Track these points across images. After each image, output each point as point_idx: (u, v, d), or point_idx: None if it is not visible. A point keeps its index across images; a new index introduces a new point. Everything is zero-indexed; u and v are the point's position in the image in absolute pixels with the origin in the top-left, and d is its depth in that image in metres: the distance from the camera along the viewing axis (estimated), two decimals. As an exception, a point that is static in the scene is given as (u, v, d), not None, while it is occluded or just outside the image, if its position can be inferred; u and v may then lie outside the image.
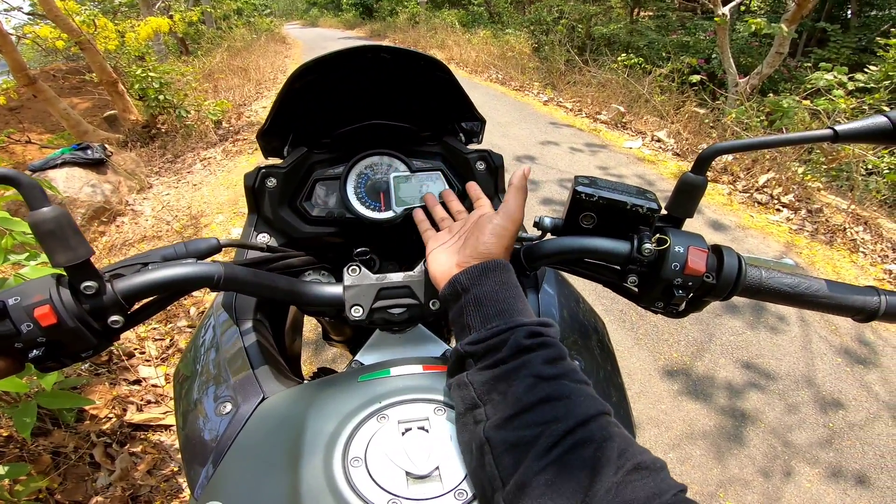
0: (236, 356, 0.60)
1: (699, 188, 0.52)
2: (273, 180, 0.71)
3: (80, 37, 4.64)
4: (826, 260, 2.95)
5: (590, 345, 0.67)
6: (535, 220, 0.58)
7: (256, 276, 0.54)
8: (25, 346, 0.41)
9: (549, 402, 0.38)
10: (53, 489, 1.54)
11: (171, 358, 2.15)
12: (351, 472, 0.40)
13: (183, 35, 9.93)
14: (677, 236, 0.51)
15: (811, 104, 3.89)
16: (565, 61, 7.41)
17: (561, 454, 0.35)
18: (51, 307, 0.41)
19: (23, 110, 6.87)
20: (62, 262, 0.41)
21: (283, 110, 0.68)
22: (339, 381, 0.51)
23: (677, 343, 2.30)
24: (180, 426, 0.58)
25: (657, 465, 0.35)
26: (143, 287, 0.46)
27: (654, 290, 0.53)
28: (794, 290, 0.51)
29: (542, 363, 0.41)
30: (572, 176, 3.16)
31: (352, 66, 0.66)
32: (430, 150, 0.77)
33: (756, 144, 0.51)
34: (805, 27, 8.39)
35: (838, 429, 1.91)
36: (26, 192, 0.40)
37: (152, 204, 3.80)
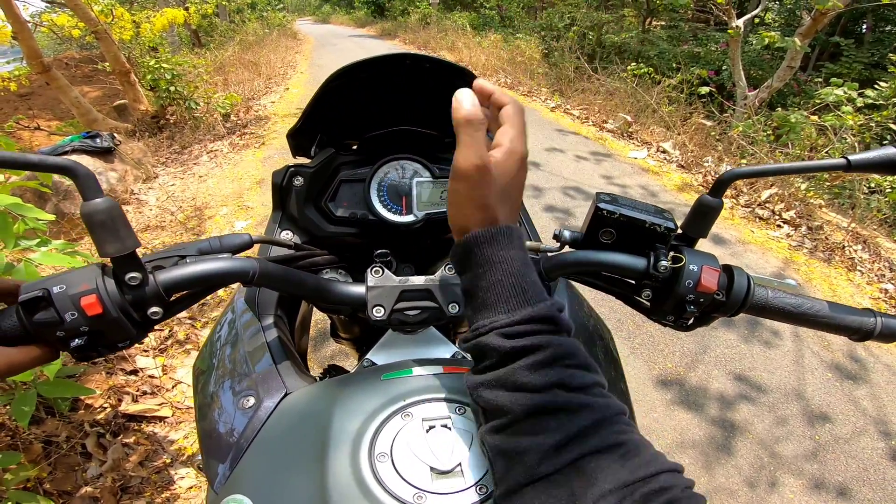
0: (258, 351, 0.60)
1: (715, 210, 0.56)
2: (300, 179, 0.72)
3: (97, 26, 4.68)
4: (823, 277, 2.96)
5: (596, 352, 0.69)
6: (554, 233, 0.61)
7: (287, 274, 0.55)
8: (67, 334, 0.41)
9: (540, 415, 0.36)
10: (43, 478, 1.53)
11: (170, 349, 2.17)
12: (378, 467, 0.41)
13: (197, 27, 10.00)
14: (692, 255, 0.54)
15: (819, 120, 3.89)
16: (575, 68, 7.42)
17: (554, 468, 0.34)
18: (97, 297, 0.41)
19: (33, 97, 6.94)
20: (111, 253, 0.42)
21: (316, 111, 0.69)
22: (361, 379, 0.52)
23: (672, 354, 2.32)
24: (199, 419, 0.58)
25: (669, 468, 0.34)
26: (183, 280, 0.47)
27: (666, 305, 0.56)
28: (797, 309, 0.54)
29: (528, 371, 0.36)
30: (576, 184, 3.18)
31: (385, 71, 0.67)
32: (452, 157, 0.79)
33: (772, 171, 0.54)
34: (818, 41, 8.37)
35: (824, 442, 1.94)
36: (82, 182, 0.40)
37: (157, 194, 3.84)
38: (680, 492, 0.33)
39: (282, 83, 7.99)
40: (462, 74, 0.67)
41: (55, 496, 1.51)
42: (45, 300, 0.40)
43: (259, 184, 3.89)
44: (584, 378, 0.38)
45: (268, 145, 4.89)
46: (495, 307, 0.39)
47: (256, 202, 3.58)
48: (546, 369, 0.37)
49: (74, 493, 1.55)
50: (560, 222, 3.41)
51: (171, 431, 1.81)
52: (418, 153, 0.77)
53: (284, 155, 4.57)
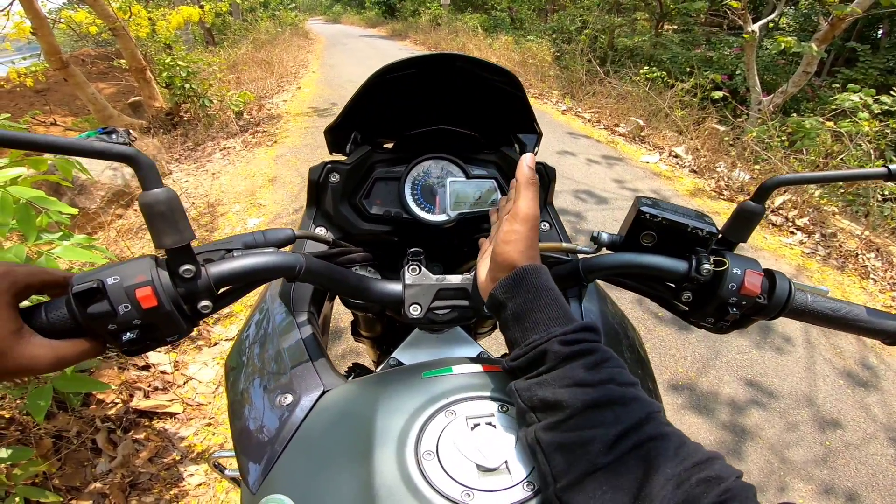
0: (295, 348, 0.60)
1: (757, 216, 0.56)
2: (336, 176, 0.73)
3: (114, 23, 4.74)
4: (836, 285, 2.94)
5: (629, 358, 0.69)
6: (592, 235, 0.61)
7: (330, 270, 0.56)
8: (119, 327, 0.41)
9: (597, 408, 0.39)
10: (52, 474, 1.52)
11: (182, 345, 2.19)
12: (424, 464, 0.41)
13: (211, 25, 10.08)
14: (735, 259, 0.55)
15: (835, 126, 3.85)
16: (586, 71, 7.40)
17: (616, 457, 0.36)
18: (152, 289, 0.41)
19: (49, 93, 7.04)
20: (168, 244, 0.41)
21: (355, 109, 0.69)
22: (401, 377, 0.52)
23: (684, 358, 2.31)
24: (232, 417, 0.58)
25: (714, 456, 0.37)
26: (233, 273, 0.47)
27: (706, 308, 0.56)
28: (835, 313, 0.55)
29: (584, 370, 0.41)
30: (587, 188, 3.18)
31: (430, 70, 0.67)
32: (486, 159, 0.78)
33: (815, 179, 0.55)
34: (834, 46, 8.28)
35: (834, 447, 1.93)
36: (143, 172, 0.40)
37: (172, 190, 3.87)
38: (733, 481, 0.34)
39: (294, 82, 8.04)
40: (506, 77, 0.67)
41: (63, 492, 1.51)
42: (99, 291, 0.39)
43: (271, 182, 3.92)
44: (629, 377, 0.42)
45: (280, 144, 4.92)
46: (548, 323, 0.45)
47: (269, 200, 3.60)
48: (599, 368, 0.41)
49: (83, 488, 1.54)
50: (572, 226, 3.40)
51: (182, 428, 1.82)
52: (453, 153, 0.77)
53: (296, 154, 4.60)
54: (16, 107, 6.50)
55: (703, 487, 0.33)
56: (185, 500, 1.58)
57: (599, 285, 0.79)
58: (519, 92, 0.69)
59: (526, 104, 0.71)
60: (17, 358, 0.37)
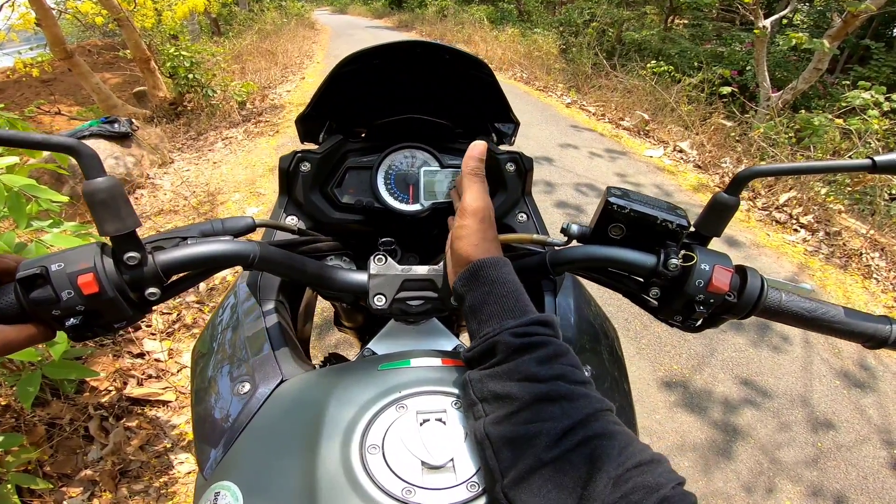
0: (257, 336, 0.60)
1: (731, 209, 0.54)
2: (307, 165, 0.72)
3: (119, 13, 4.75)
4: (838, 284, 2.89)
5: (600, 350, 0.68)
6: (562, 227, 0.60)
7: (288, 258, 0.55)
8: (63, 313, 0.41)
9: (545, 401, 0.39)
10: (43, 461, 1.53)
11: (177, 333, 2.21)
12: (368, 458, 0.40)
13: (216, 15, 10.08)
14: (704, 254, 0.53)
15: (843, 123, 3.79)
16: (592, 65, 7.32)
17: (561, 452, 0.36)
18: (94, 275, 0.41)
19: (55, 83, 7.08)
20: (111, 231, 0.42)
21: (325, 97, 0.69)
22: (358, 369, 0.51)
23: (679, 356, 2.29)
24: (194, 403, 0.58)
25: (657, 459, 0.36)
26: (182, 261, 0.46)
27: (674, 304, 0.54)
28: (811, 314, 0.52)
29: (535, 364, 0.41)
30: (589, 180, 3.13)
31: (396, 59, 0.66)
32: (461, 148, 0.76)
33: (793, 170, 0.52)
34: (848, 44, 8.13)
35: (826, 449, 1.91)
36: (84, 161, 0.40)
37: (172, 179, 3.90)
38: (671, 489, 0.34)
39: (298, 72, 8.03)
40: (475, 65, 0.65)
41: (55, 479, 1.52)
42: (42, 278, 0.40)
43: (272, 171, 3.92)
44: (580, 375, 0.42)
45: (282, 133, 4.92)
46: (502, 315, 0.45)
47: (269, 189, 3.61)
48: (550, 363, 0.41)
49: (74, 475, 1.56)
50: (571, 218, 3.37)
51: (174, 416, 1.83)
52: (427, 142, 0.76)
53: (298, 143, 4.58)
54: (22, 96, 6.55)
55: (642, 494, 0.33)
56: (175, 487, 1.59)
57: (580, 282, 0.78)
58: (490, 78, 0.67)
59: (499, 92, 0.70)
60: None
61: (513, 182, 0.76)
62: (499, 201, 0.76)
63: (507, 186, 0.76)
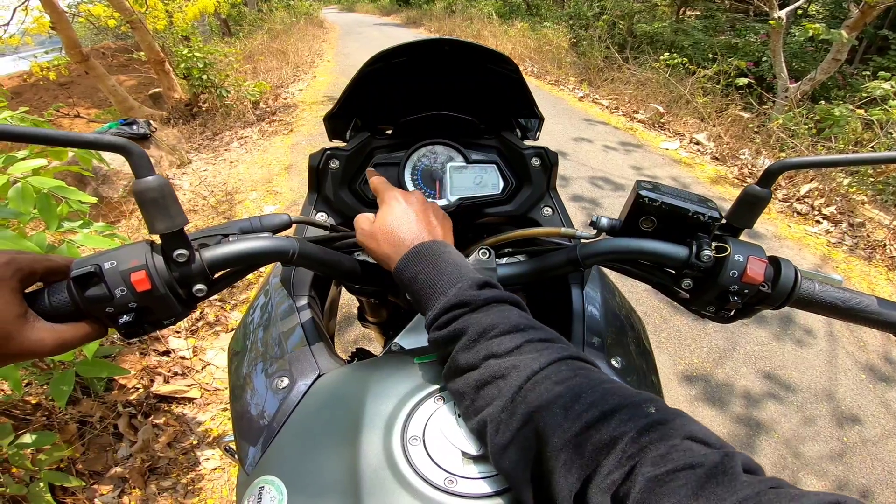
0: (293, 332, 0.61)
1: (763, 201, 0.54)
2: (336, 162, 0.73)
3: (131, 16, 4.80)
4: (862, 276, 2.84)
5: (630, 344, 0.68)
6: (591, 220, 0.60)
7: (325, 254, 0.56)
8: (116, 310, 0.42)
9: (481, 389, 0.40)
10: (75, 458, 1.56)
11: (200, 330, 2.24)
12: (410, 450, 0.41)
13: (226, 16, 10.15)
14: (737, 245, 0.53)
15: (865, 114, 3.71)
16: (604, 58, 7.25)
17: (509, 437, 0.36)
18: (146, 272, 0.42)
19: (72, 86, 7.18)
20: (161, 229, 0.42)
21: (353, 95, 0.69)
22: (394, 362, 0.52)
23: (699, 349, 2.27)
24: (232, 400, 0.59)
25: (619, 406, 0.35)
26: (227, 257, 0.47)
27: (707, 296, 0.54)
28: (845, 304, 0.52)
29: (463, 353, 0.42)
30: (604, 174, 3.11)
31: (422, 56, 0.67)
32: (487, 143, 0.78)
33: (827, 162, 0.51)
34: (866, 34, 7.94)
35: (851, 443, 1.88)
36: (135, 160, 0.41)
37: (191, 179, 3.94)
38: (628, 441, 0.32)
39: (309, 71, 8.05)
40: (501, 60, 0.66)
41: (86, 476, 1.55)
42: (96, 275, 0.41)
43: (287, 169, 3.95)
44: (513, 341, 0.41)
45: (296, 132, 4.95)
46: (425, 310, 0.46)
47: (285, 188, 3.63)
48: (475, 347, 0.41)
49: (104, 473, 1.58)
50: (587, 212, 3.36)
51: (199, 413, 1.86)
52: (452, 138, 0.76)
53: (312, 142, 4.62)
54: (40, 100, 6.66)
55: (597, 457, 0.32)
56: (202, 483, 1.61)
57: (606, 274, 0.78)
58: (515, 75, 0.67)
59: (524, 87, 0.70)
60: (22, 341, 0.38)
61: (538, 177, 0.76)
62: (524, 196, 0.76)
63: (533, 181, 0.76)
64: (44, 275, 0.41)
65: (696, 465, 0.29)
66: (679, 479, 0.28)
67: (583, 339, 0.63)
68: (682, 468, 0.29)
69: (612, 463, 0.31)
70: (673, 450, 0.30)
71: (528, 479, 0.35)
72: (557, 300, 0.72)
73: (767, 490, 0.27)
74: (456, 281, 0.45)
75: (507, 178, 0.77)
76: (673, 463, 0.29)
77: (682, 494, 0.28)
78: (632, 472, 0.30)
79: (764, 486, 0.27)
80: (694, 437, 0.32)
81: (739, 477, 0.28)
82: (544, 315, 0.78)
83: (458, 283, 0.45)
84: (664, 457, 0.30)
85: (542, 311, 0.79)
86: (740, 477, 0.28)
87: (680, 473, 0.29)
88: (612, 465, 0.31)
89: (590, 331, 0.64)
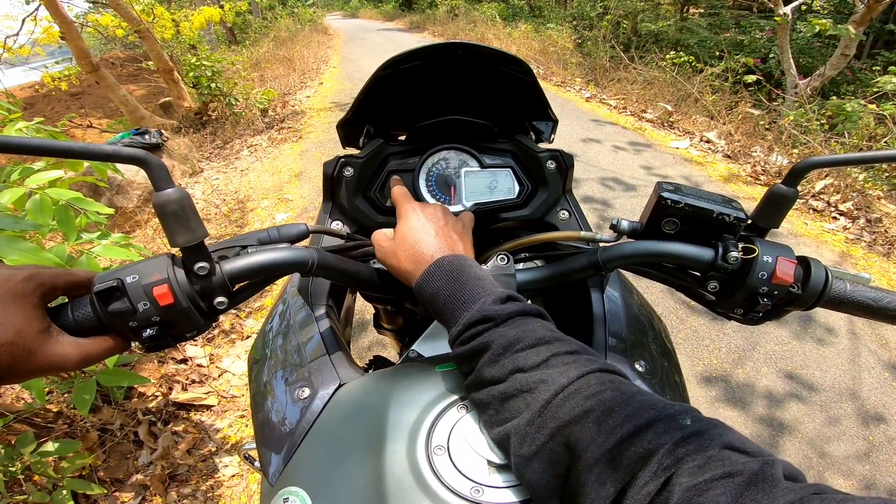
0: (312, 341, 0.61)
1: (789, 200, 0.53)
2: (350, 169, 0.72)
3: (139, 25, 4.85)
4: (882, 272, 2.80)
5: (653, 347, 0.67)
6: (611, 223, 0.59)
7: (343, 263, 0.55)
8: (139, 324, 0.42)
9: (506, 401, 0.40)
10: (97, 466, 1.57)
11: (216, 338, 2.24)
12: (434, 459, 0.40)
13: (232, 25, 10.25)
14: (765, 246, 0.52)
15: (877, 108, 3.67)
16: (610, 58, 7.23)
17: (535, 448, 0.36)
18: (168, 286, 0.42)
19: (83, 96, 7.27)
20: (181, 243, 0.42)
21: (366, 102, 0.69)
22: (415, 371, 0.51)
23: (718, 350, 2.24)
24: (254, 410, 0.59)
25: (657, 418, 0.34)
26: (247, 269, 0.47)
27: (735, 298, 0.53)
28: (877, 303, 0.51)
29: (488, 367, 0.41)
30: (614, 175, 3.09)
31: (434, 61, 0.66)
32: (501, 147, 0.77)
33: (853, 160, 0.50)
34: (873, 29, 7.88)
35: (878, 442, 1.85)
36: (154, 173, 0.41)
37: (203, 188, 3.97)
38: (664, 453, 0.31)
39: (315, 78, 8.10)
40: (514, 63, 0.65)
41: (108, 484, 1.55)
42: (119, 290, 0.41)
43: (297, 177, 3.96)
44: (539, 355, 0.40)
45: (305, 139, 4.97)
46: (449, 325, 0.46)
47: (296, 195, 3.65)
48: (501, 361, 0.41)
49: (126, 480, 1.59)
50: (598, 214, 3.33)
51: (217, 420, 1.86)
52: (466, 143, 0.76)
53: (321, 148, 4.64)
54: (52, 110, 6.74)
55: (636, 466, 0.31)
56: (220, 490, 1.62)
57: (624, 275, 0.77)
58: (529, 77, 0.67)
59: (538, 90, 0.69)
60: (46, 356, 0.38)
61: (553, 180, 0.76)
62: (540, 199, 0.76)
63: (549, 184, 0.75)
64: (66, 289, 0.41)
65: (735, 473, 0.28)
66: (717, 487, 0.28)
67: (605, 343, 0.63)
68: (720, 477, 0.28)
69: (648, 475, 0.30)
70: (711, 460, 0.30)
71: (553, 492, 0.35)
72: (576, 304, 0.71)
73: (810, 496, 0.26)
74: (479, 296, 0.45)
75: (523, 182, 0.76)
76: (711, 472, 0.29)
77: (722, 502, 0.27)
78: (668, 482, 0.30)
79: (806, 493, 0.27)
80: (732, 446, 0.31)
81: (780, 484, 0.28)
82: (563, 319, 0.78)
83: (481, 298, 0.45)
84: (702, 467, 0.29)
85: (561, 315, 0.78)
86: (781, 484, 0.28)
87: (718, 482, 0.28)
88: (648, 476, 0.30)
89: (611, 334, 0.64)
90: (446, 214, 0.58)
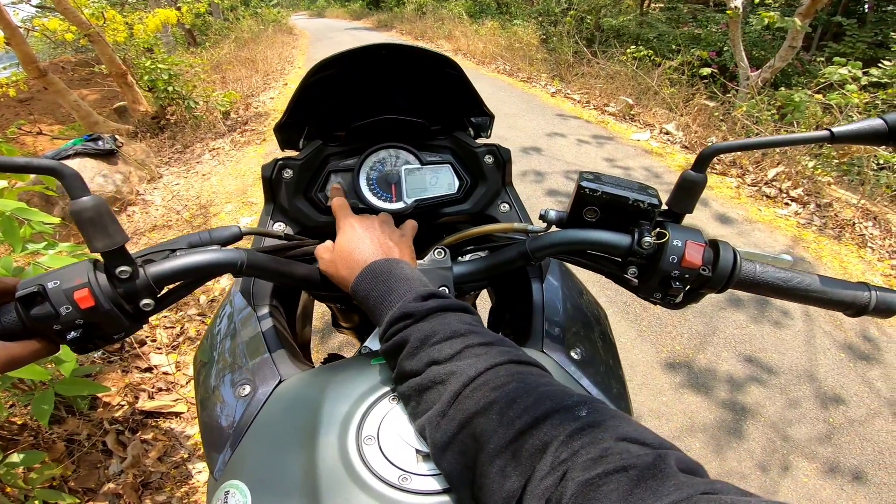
0: (254, 340, 0.62)
1: (699, 185, 0.55)
2: (289, 171, 0.73)
3: (89, 29, 4.66)
4: (833, 255, 2.94)
5: (591, 336, 0.69)
6: (540, 213, 0.61)
7: (276, 263, 0.56)
8: (63, 328, 0.43)
9: (422, 393, 0.42)
10: (67, 476, 1.55)
11: (182, 346, 2.19)
12: (364, 449, 0.42)
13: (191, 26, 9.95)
14: (676, 231, 0.54)
15: (824, 98, 3.84)
16: (573, 53, 7.35)
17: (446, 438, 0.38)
18: (89, 290, 0.43)
19: (33, 102, 6.94)
20: (100, 248, 0.43)
21: (300, 105, 0.70)
22: (352, 365, 0.53)
23: (680, 336, 2.31)
24: (200, 411, 0.60)
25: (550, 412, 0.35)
26: (172, 272, 0.48)
27: (652, 282, 0.55)
28: (786, 284, 0.53)
29: (407, 361, 0.44)
30: (578, 168, 3.15)
31: (366, 62, 0.67)
32: (440, 144, 0.79)
33: (755, 144, 0.52)
34: (820, 21, 8.23)
35: (838, 424, 1.91)
36: (68, 182, 0.42)
37: (162, 194, 3.85)
38: (559, 445, 0.32)
39: (280, 79, 7.95)
40: (442, 62, 0.67)
41: (80, 493, 1.53)
42: (40, 295, 0.42)
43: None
44: (453, 347, 0.42)
45: (269, 141, 4.88)
46: (378, 324, 0.49)
47: (260, 198, 3.55)
48: (418, 354, 0.43)
49: (98, 489, 1.57)
50: (563, 206, 3.39)
51: (188, 427, 1.83)
52: (405, 141, 0.77)
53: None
54: (1, 117, 6.42)
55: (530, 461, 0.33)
56: (196, 497, 1.60)
57: (566, 266, 0.79)
58: (458, 73, 0.69)
59: (470, 87, 0.71)
60: None
61: (492, 173, 0.78)
62: (480, 193, 0.78)
63: (487, 178, 0.77)
64: None
65: (628, 467, 0.29)
66: (611, 482, 0.28)
67: (542, 331, 0.64)
68: (613, 471, 0.29)
69: (545, 468, 0.31)
70: (606, 452, 0.30)
71: (465, 482, 0.36)
72: (523, 294, 0.73)
73: (698, 496, 0.26)
74: (404, 295, 0.47)
75: (462, 177, 0.78)
76: (604, 466, 0.29)
77: (614, 499, 0.27)
78: (564, 476, 0.30)
79: (695, 491, 0.26)
80: (628, 437, 0.31)
81: (671, 479, 0.28)
82: (511, 310, 0.79)
83: (404, 297, 0.47)
84: (596, 460, 0.30)
85: (510, 306, 0.79)
86: (672, 479, 0.28)
87: (612, 476, 0.28)
88: (545, 470, 0.31)
89: (550, 323, 0.66)
90: (383, 224, 0.60)
